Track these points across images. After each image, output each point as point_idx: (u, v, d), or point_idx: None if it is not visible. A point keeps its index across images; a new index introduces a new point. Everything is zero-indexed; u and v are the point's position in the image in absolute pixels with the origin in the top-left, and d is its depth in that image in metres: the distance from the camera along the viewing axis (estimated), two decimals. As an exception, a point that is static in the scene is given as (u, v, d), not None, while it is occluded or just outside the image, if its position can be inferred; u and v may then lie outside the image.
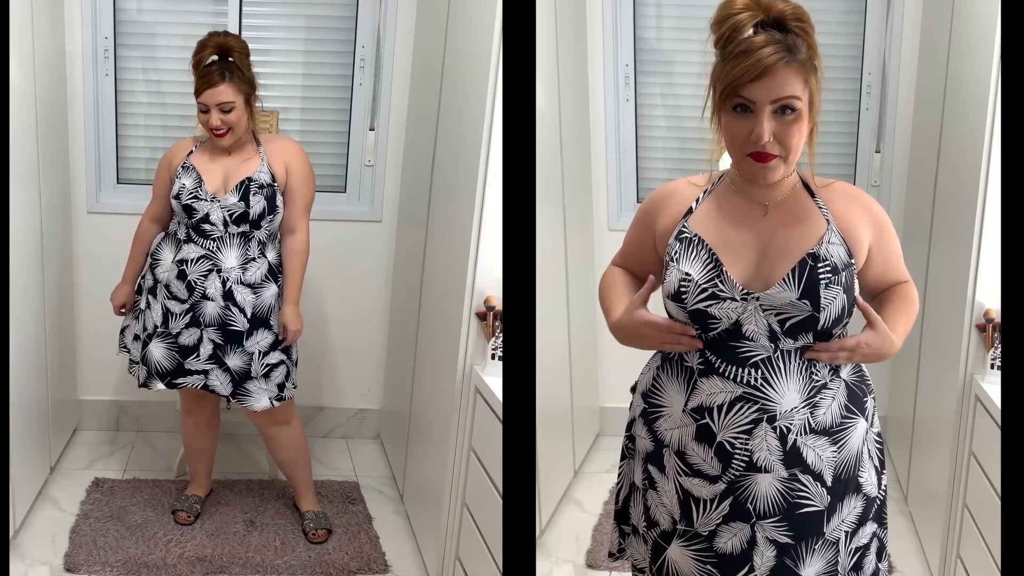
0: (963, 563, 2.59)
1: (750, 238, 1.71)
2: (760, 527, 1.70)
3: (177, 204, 2.81)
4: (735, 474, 1.70)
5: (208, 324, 2.81)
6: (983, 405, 2.48)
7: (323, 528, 3.06)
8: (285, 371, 2.91)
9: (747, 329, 1.67)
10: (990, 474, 2.42)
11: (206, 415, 3.07)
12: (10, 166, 2.71)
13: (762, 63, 1.57)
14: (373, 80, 3.63)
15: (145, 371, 2.88)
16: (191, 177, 2.81)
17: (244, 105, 2.78)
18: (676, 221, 1.78)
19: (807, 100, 1.62)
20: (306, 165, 2.89)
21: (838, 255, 1.68)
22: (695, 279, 1.69)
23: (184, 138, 3.04)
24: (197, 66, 2.75)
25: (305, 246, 2.90)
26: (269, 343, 2.86)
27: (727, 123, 1.64)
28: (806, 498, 1.70)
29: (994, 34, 2.48)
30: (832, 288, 1.65)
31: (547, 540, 3.12)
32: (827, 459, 1.70)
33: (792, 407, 1.68)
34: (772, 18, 1.62)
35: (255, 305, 2.83)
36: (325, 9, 3.61)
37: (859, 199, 1.76)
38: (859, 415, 1.73)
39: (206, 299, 2.80)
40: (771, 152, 1.63)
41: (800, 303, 1.65)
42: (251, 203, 2.78)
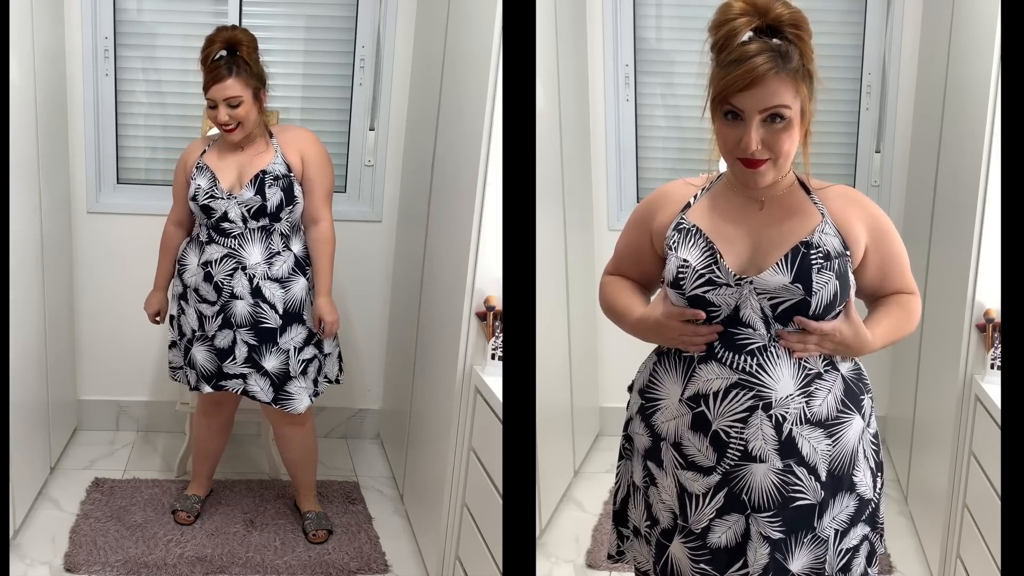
0: (963, 563, 2.59)
1: (745, 230, 1.73)
2: (754, 520, 1.71)
3: (195, 206, 2.80)
4: (730, 464, 1.71)
5: (240, 324, 2.78)
6: (983, 405, 2.48)
7: (324, 528, 3.06)
8: (317, 366, 2.89)
9: (744, 314, 1.69)
10: (990, 474, 2.42)
11: (221, 419, 3.06)
12: (10, 166, 2.70)
13: (752, 73, 1.59)
14: (373, 80, 3.63)
15: (195, 375, 2.86)
16: (206, 177, 2.80)
17: (252, 99, 2.76)
18: (673, 217, 1.80)
19: (798, 108, 1.64)
20: (322, 153, 2.84)
21: (831, 244, 1.70)
22: (692, 265, 1.71)
23: (196, 139, 3.03)
24: (205, 61, 2.74)
25: (330, 235, 2.85)
26: (303, 338, 2.83)
27: (718, 129, 1.67)
28: (800, 491, 1.71)
29: (994, 34, 2.48)
30: (824, 273, 1.67)
31: (547, 540, 3.12)
32: (822, 452, 1.71)
33: (787, 394, 1.69)
34: (768, 24, 1.63)
35: (285, 300, 2.80)
36: (325, 9, 3.61)
37: (858, 201, 1.77)
38: (855, 411, 1.74)
39: (235, 298, 2.78)
40: (760, 158, 1.65)
41: (793, 287, 1.67)
42: (267, 195, 2.75)
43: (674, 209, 1.80)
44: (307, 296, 2.84)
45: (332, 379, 2.98)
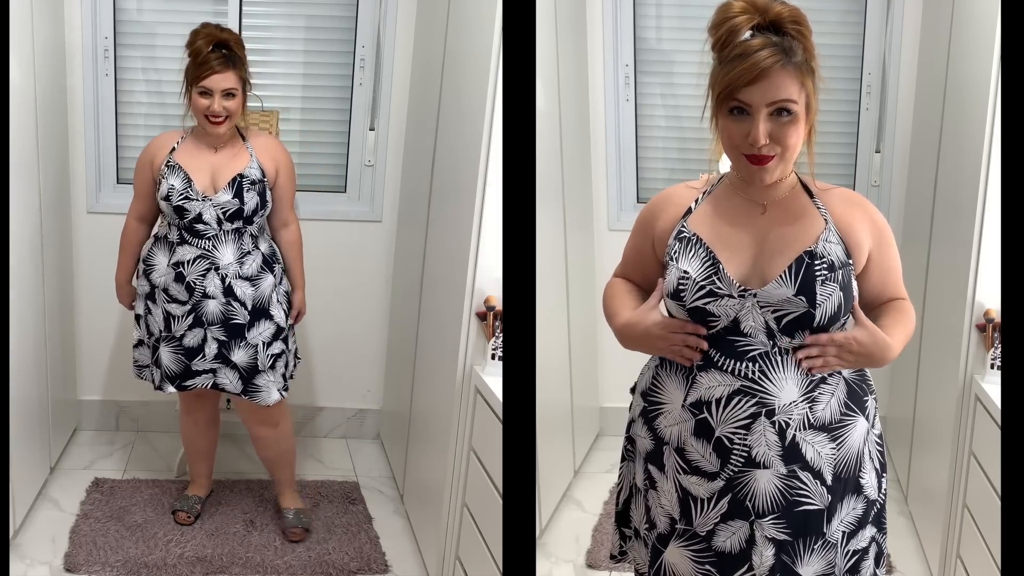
0: (963, 563, 2.59)
1: (747, 236, 1.72)
2: (759, 526, 1.71)
3: (167, 205, 2.80)
4: (733, 470, 1.70)
5: (211, 323, 2.82)
6: (983, 405, 2.48)
7: (302, 526, 3.05)
8: (285, 361, 2.93)
9: (745, 326, 1.68)
10: (990, 474, 2.42)
11: (205, 414, 3.07)
12: (10, 166, 2.70)
13: (758, 66, 1.58)
14: (373, 80, 3.63)
15: (160, 374, 2.88)
16: (179, 177, 2.79)
17: (242, 95, 2.79)
18: (675, 223, 1.78)
19: (804, 102, 1.63)
20: (291, 163, 2.96)
21: (835, 253, 1.68)
22: (693, 277, 1.70)
23: (167, 132, 3.00)
24: (197, 53, 2.74)
25: (300, 236, 3.00)
26: (271, 333, 2.87)
27: (724, 125, 1.65)
28: (805, 496, 1.70)
29: (994, 34, 2.48)
30: (828, 285, 1.66)
31: (547, 540, 3.12)
32: (826, 456, 1.70)
33: (791, 400, 1.68)
34: (769, 21, 1.62)
35: (254, 297, 2.84)
36: (325, 9, 3.61)
37: (861, 205, 1.76)
38: (859, 413, 1.73)
39: (207, 297, 2.80)
40: (768, 154, 1.64)
41: (796, 299, 1.65)
42: (245, 199, 2.78)
43: (675, 214, 1.79)
44: (273, 293, 2.88)
45: (290, 375, 3.02)
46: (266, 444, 3.04)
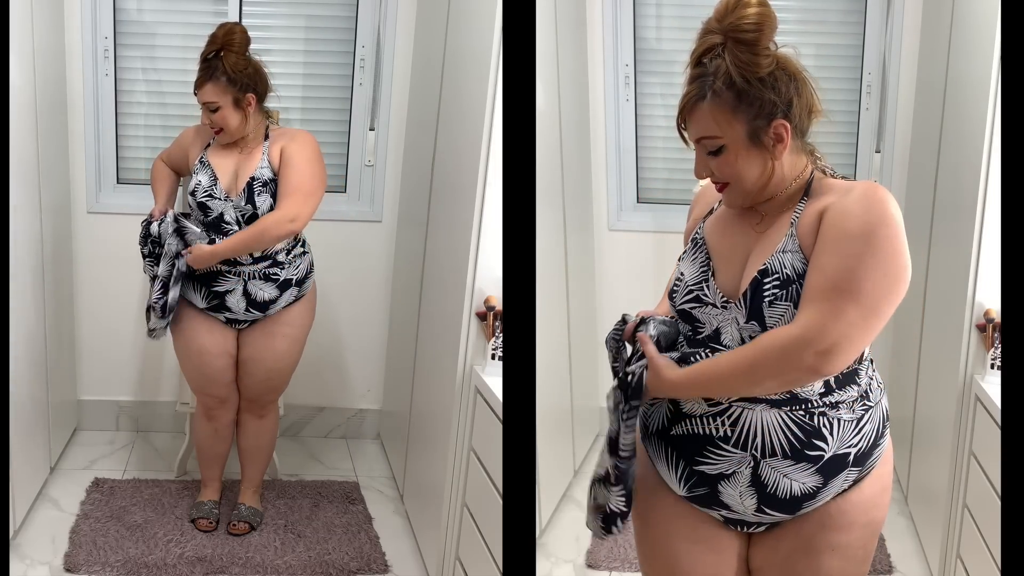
0: (963, 563, 2.59)
1: (740, 247, 1.68)
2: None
3: (193, 200, 2.83)
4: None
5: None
6: (983, 405, 2.48)
7: (245, 521, 3.05)
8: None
9: (725, 337, 1.64)
10: (990, 474, 2.42)
11: (226, 420, 3.05)
12: (10, 166, 2.70)
13: (681, 106, 1.61)
14: (373, 80, 3.63)
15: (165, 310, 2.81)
16: (206, 174, 2.82)
17: (233, 106, 2.75)
18: (698, 222, 1.80)
19: (737, 133, 1.57)
20: (304, 149, 2.79)
21: (790, 264, 1.57)
22: (686, 280, 1.70)
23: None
24: (200, 61, 2.78)
25: (282, 227, 2.74)
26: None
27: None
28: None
29: (994, 34, 2.48)
30: (778, 305, 1.56)
31: (547, 540, 3.12)
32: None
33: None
34: (726, 38, 1.56)
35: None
36: (325, 9, 3.61)
37: (845, 197, 1.57)
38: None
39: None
40: (719, 181, 1.65)
41: (748, 326, 1.60)
42: (257, 203, 2.78)
43: (701, 212, 1.80)
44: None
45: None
46: (246, 432, 3.07)
